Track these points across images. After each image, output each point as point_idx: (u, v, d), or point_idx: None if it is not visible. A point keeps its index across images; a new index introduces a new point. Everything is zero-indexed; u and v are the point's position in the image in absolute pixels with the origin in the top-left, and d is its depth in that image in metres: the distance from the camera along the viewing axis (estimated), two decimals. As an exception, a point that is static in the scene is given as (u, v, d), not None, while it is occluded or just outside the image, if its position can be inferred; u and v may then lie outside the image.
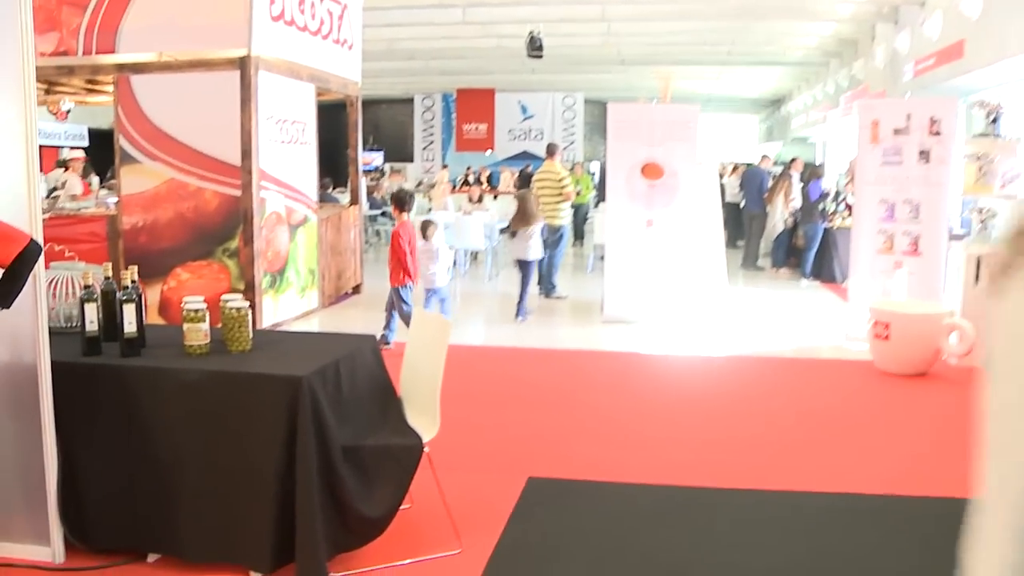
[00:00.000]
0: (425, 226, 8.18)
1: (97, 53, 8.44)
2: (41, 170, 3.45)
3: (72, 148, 16.39)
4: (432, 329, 3.93)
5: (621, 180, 9.27)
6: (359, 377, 3.77)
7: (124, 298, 3.56)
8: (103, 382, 3.50)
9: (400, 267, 7.39)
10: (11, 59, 3.25)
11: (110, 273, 3.81)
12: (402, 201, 7.66)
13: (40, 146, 3.21)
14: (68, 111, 12.42)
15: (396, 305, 7.49)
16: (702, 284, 9.53)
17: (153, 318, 8.29)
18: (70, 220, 8.95)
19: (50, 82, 9.80)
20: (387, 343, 7.47)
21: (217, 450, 3.39)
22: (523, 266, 9.33)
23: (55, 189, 11.54)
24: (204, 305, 3.64)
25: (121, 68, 8.37)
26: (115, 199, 9.10)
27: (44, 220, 3.28)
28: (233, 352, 3.66)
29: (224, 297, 3.72)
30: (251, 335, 3.70)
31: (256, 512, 3.31)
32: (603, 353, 7.96)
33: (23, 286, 3.12)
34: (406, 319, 7.29)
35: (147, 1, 8.29)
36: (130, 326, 3.55)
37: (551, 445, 5.19)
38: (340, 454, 3.38)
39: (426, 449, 3.57)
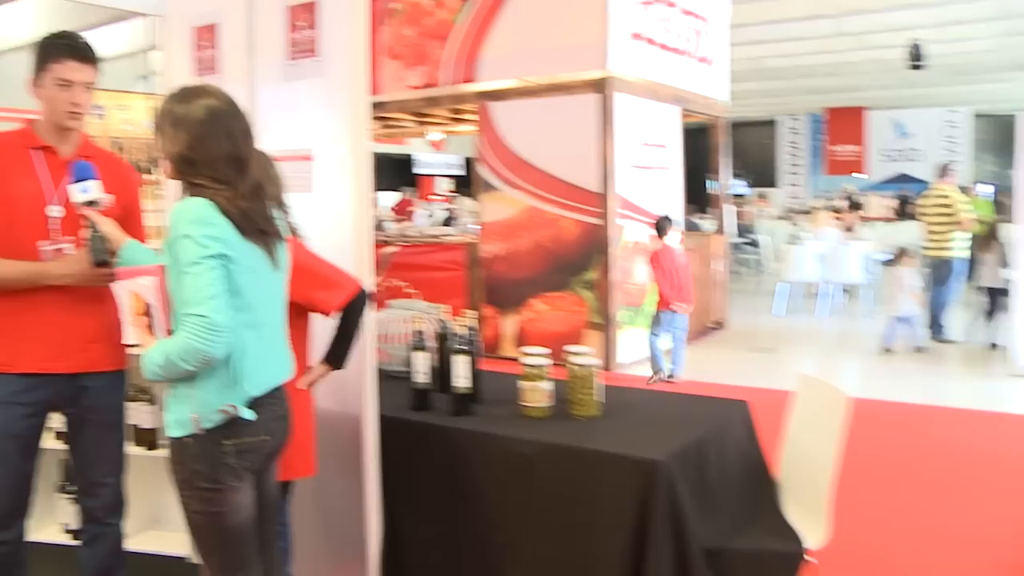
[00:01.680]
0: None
1: (460, 83, 8.48)
2: (420, 198, 3.13)
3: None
4: (824, 400, 3.07)
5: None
6: (728, 457, 3.03)
7: (457, 347, 3.11)
8: (431, 441, 3.08)
9: (664, 292, 7.03)
10: (345, 83, 2.93)
11: (448, 316, 3.41)
12: (660, 227, 7.13)
13: (418, 175, 2.85)
14: (441, 140, 12.90)
15: (657, 330, 7.18)
16: None
17: (508, 350, 8.13)
18: (432, 247, 9.08)
19: (419, 113, 10.10)
20: (670, 376, 7.13)
21: (552, 536, 2.81)
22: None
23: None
24: (547, 361, 3.10)
25: (482, 96, 8.34)
26: (476, 227, 9.11)
27: (407, 246, 2.90)
28: (577, 417, 3.08)
29: (569, 349, 3.16)
30: (600, 398, 3.10)
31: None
32: (1012, 416, 6.49)
33: (355, 342, 2.77)
34: (650, 347, 7.12)
35: (506, 28, 8.18)
36: (462, 380, 3.10)
37: (962, 545, 4.05)
38: (701, 558, 2.65)
39: (810, 559, 2.74)
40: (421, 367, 3.16)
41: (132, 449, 3.57)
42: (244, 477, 2.19)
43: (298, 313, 2.62)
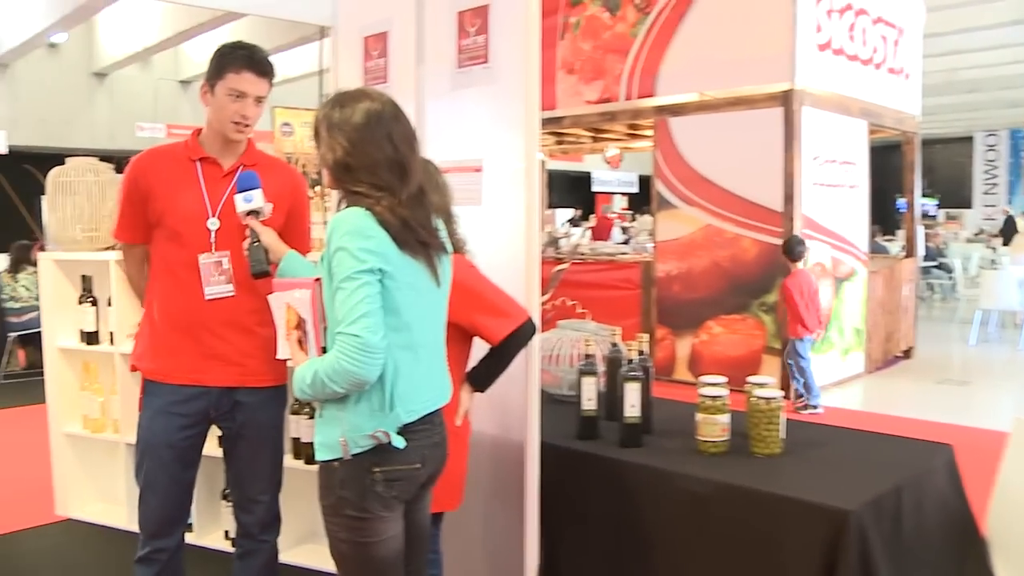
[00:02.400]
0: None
1: (638, 97, 8.26)
2: (585, 218, 2.95)
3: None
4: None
5: None
6: (927, 508, 2.66)
7: (628, 374, 2.89)
8: (596, 473, 2.87)
9: (795, 319, 6.59)
10: (516, 90, 2.78)
11: (620, 339, 3.19)
12: (791, 250, 6.64)
13: (595, 192, 2.68)
14: (618, 157, 12.68)
15: (792, 358, 6.70)
16: None
17: (682, 373, 7.81)
18: (605, 266, 8.88)
19: (596, 129, 9.95)
20: (814, 407, 6.67)
21: (727, 587, 2.54)
22: None
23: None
24: (726, 392, 2.83)
25: (660, 111, 8.09)
26: (650, 244, 8.84)
27: (578, 264, 2.72)
28: (757, 455, 2.79)
29: (753, 380, 2.89)
30: (783, 435, 2.80)
31: None
32: None
33: (506, 368, 2.59)
34: (803, 375, 6.70)
35: (686, 40, 7.89)
36: (632, 409, 2.87)
37: None
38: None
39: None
40: (589, 393, 2.96)
41: (290, 462, 3.54)
42: (394, 507, 2.04)
43: (458, 335, 2.47)
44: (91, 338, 4.21)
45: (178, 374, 2.58)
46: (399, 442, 1.98)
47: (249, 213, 2.42)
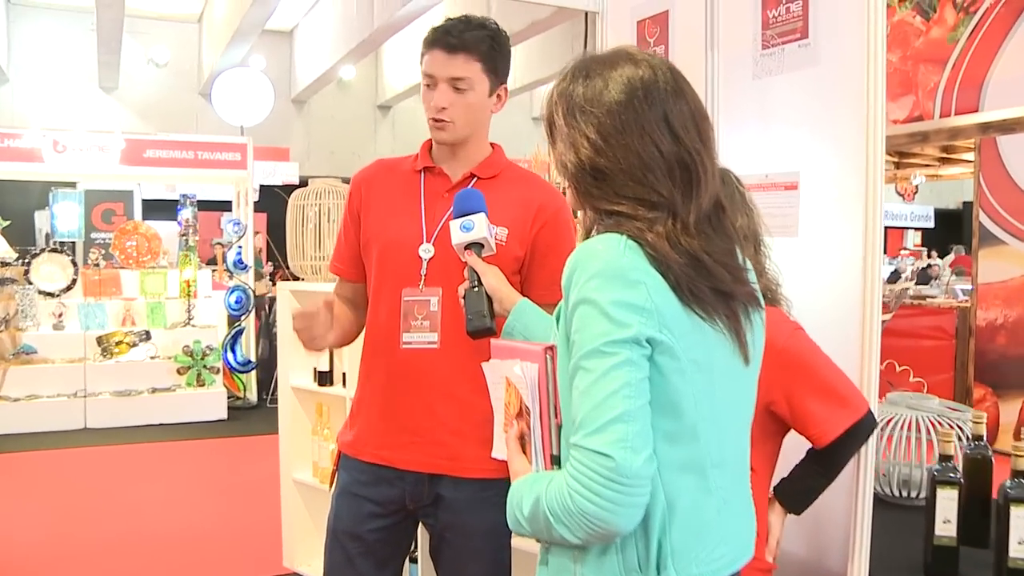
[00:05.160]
0: None
1: (956, 114, 7.00)
2: (885, 252, 2.14)
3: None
4: None
5: None
6: None
7: (1016, 495, 1.95)
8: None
9: None
10: (849, 74, 1.97)
11: (982, 427, 2.25)
12: None
13: (885, 227, 1.85)
14: (916, 188, 11.23)
15: None
16: None
17: (1004, 442, 6.44)
18: (913, 311, 7.62)
19: (900, 153, 8.70)
20: None
21: None
22: None
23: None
24: None
25: (986, 128, 6.79)
26: (968, 287, 7.51)
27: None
28: None
29: None
30: None
31: None
32: None
33: (833, 479, 1.78)
34: None
35: (1021, 44, 6.56)
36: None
37: None
38: None
39: None
40: (947, 512, 2.04)
41: None
42: None
43: (763, 431, 1.68)
44: (323, 378, 3.80)
45: (367, 448, 1.98)
46: None
47: (468, 247, 1.73)
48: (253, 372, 8.13)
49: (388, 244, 1.94)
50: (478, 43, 1.86)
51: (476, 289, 1.69)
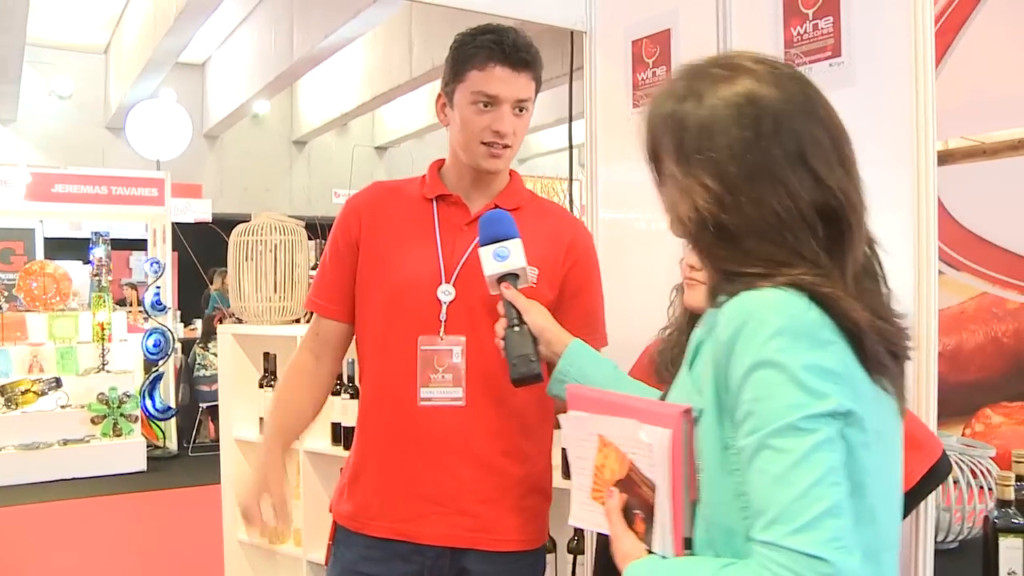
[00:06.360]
0: None
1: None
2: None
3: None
4: None
5: None
6: None
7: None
8: None
9: None
10: (894, 92, 1.83)
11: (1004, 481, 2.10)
12: None
13: None
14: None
15: None
16: None
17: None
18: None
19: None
20: None
21: None
22: None
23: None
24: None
25: (921, 158, 6.88)
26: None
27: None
28: None
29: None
30: None
31: None
32: None
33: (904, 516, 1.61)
34: None
35: (952, 76, 6.66)
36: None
37: None
38: None
39: None
40: (1011, 562, 1.87)
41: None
42: None
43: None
44: (271, 430, 3.50)
45: (377, 521, 1.71)
46: None
47: (503, 278, 1.49)
48: (173, 419, 7.68)
49: (401, 285, 1.68)
50: (537, 61, 1.65)
51: (518, 328, 1.46)
